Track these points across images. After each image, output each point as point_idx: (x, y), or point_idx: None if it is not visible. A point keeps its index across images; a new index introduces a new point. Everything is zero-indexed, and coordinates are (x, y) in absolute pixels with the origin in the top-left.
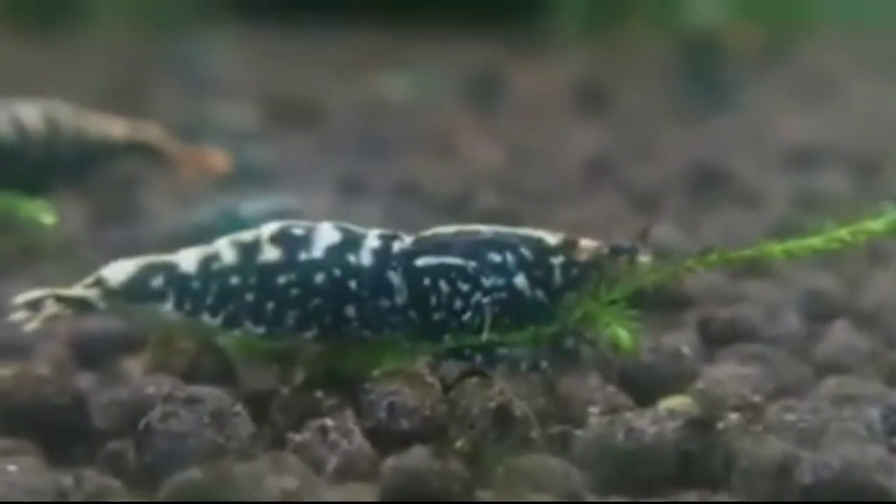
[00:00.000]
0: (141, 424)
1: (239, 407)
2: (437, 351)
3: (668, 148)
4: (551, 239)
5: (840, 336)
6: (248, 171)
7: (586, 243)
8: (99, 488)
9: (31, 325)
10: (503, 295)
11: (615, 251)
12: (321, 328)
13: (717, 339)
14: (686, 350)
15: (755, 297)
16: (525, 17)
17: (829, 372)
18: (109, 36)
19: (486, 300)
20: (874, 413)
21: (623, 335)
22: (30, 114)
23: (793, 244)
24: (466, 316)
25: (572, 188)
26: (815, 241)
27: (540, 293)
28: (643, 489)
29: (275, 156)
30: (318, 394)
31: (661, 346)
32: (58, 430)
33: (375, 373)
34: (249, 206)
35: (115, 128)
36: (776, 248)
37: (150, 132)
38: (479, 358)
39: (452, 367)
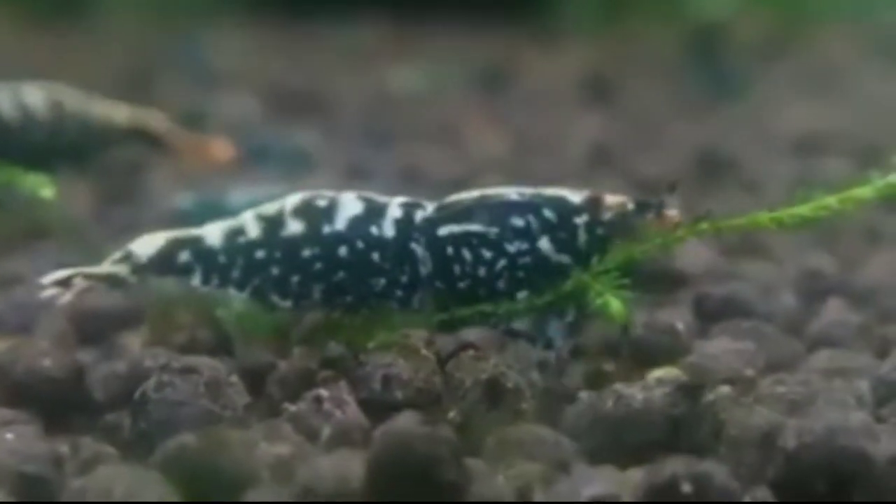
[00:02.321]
0: (137, 394)
1: (234, 377)
2: (459, 319)
3: (673, 136)
4: (575, 197)
5: (833, 313)
6: (255, 158)
7: (611, 199)
8: (94, 455)
9: (65, 299)
10: (527, 259)
11: (641, 206)
12: (346, 301)
13: (711, 315)
14: (680, 326)
15: (752, 276)
16: (534, 9)
17: (821, 346)
18: (121, 28)
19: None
20: (864, 385)
21: (615, 304)
22: (34, 96)
23: (781, 213)
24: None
25: (577, 175)
26: (804, 210)
27: (565, 256)
28: (632, 456)
29: (281, 143)
30: (314, 366)
31: (656, 322)
32: (57, 402)
33: (370, 345)
34: (235, 195)
35: (118, 113)
36: (765, 218)
37: (154, 119)
38: (501, 327)
39: (448, 341)
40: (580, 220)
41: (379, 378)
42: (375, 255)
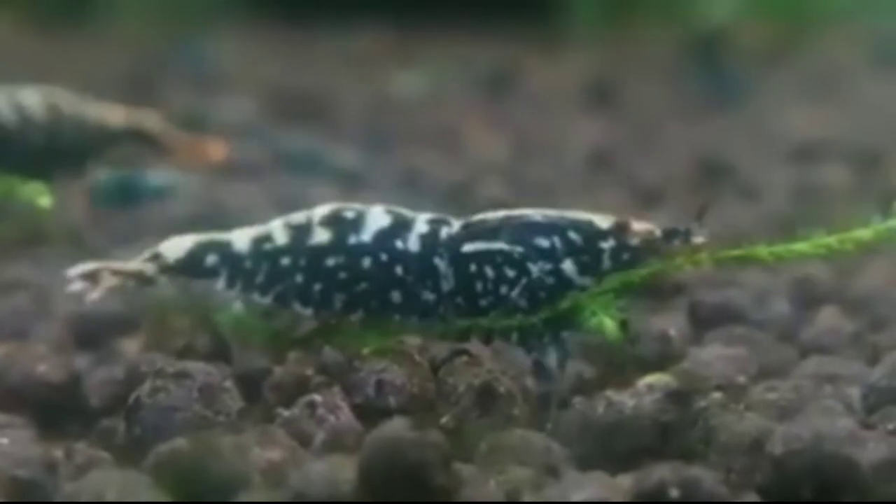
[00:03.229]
0: (131, 399)
1: (229, 382)
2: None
3: (674, 142)
4: (602, 222)
5: (827, 320)
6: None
7: (638, 226)
8: (88, 459)
9: (93, 297)
10: (550, 280)
11: (669, 234)
12: (367, 312)
13: (705, 322)
14: (673, 332)
15: (746, 284)
16: (538, 13)
17: (813, 353)
18: (124, 32)
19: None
20: (855, 392)
21: (609, 325)
22: (31, 99)
23: (780, 248)
24: (515, 291)
25: (576, 180)
26: (803, 247)
27: (588, 279)
28: (622, 462)
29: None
30: (309, 372)
31: (649, 328)
32: (53, 408)
33: (365, 351)
34: (151, 176)
35: (113, 115)
36: (764, 251)
37: (149, 120)
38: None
39: (442, 347)
40: (606, 244)
41: (373, 383)
42: (398, 269)
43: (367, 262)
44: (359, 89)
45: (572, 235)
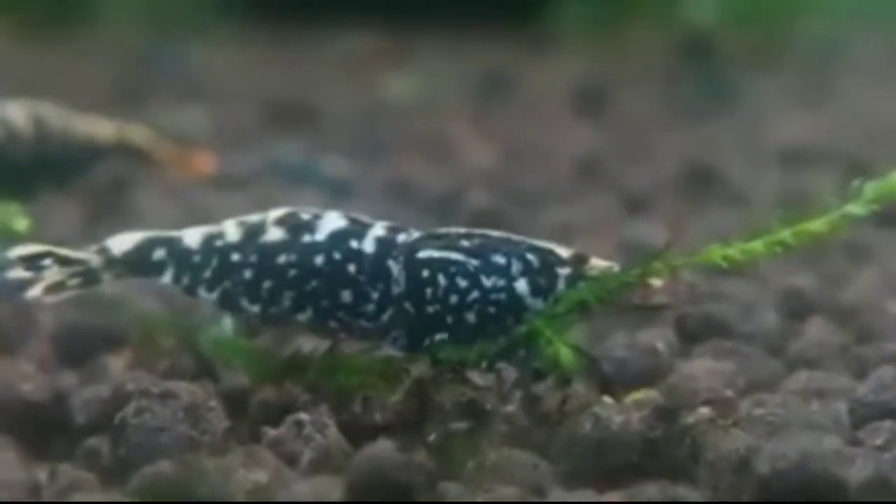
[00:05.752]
0: (116, 419)
1: (214, 402)
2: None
3: (663, 148)
4: (562, 251)
5: (814, 332)
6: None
7: (597, 262)
8: (72, 482)
9: (33, 293)
10: (502, 297)
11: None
12: (316, 311)
13: (693, 335)
14: (661, 346)
15: (734, 296)
16: (530, 18)
17: (801, 367)
18: (114, 40)
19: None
20: (842, 406)
21: (565, 352)
22: (18, 114)
23: (733, 249)
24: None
25: (564, 188)
26: (757, 246)
27: (539, 302)
28: (610, 478)
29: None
30: (296, 389)
31: (637, 342)
32: (37, 427)
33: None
34: None
35: (101, 128)
36: (717, 254)
37: (137, 133)
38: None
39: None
40: (563, 271)
41: (359, 400)
42: (351, 268)
43: (319, 259)
44: (349, 94)
45: (529, 257)
